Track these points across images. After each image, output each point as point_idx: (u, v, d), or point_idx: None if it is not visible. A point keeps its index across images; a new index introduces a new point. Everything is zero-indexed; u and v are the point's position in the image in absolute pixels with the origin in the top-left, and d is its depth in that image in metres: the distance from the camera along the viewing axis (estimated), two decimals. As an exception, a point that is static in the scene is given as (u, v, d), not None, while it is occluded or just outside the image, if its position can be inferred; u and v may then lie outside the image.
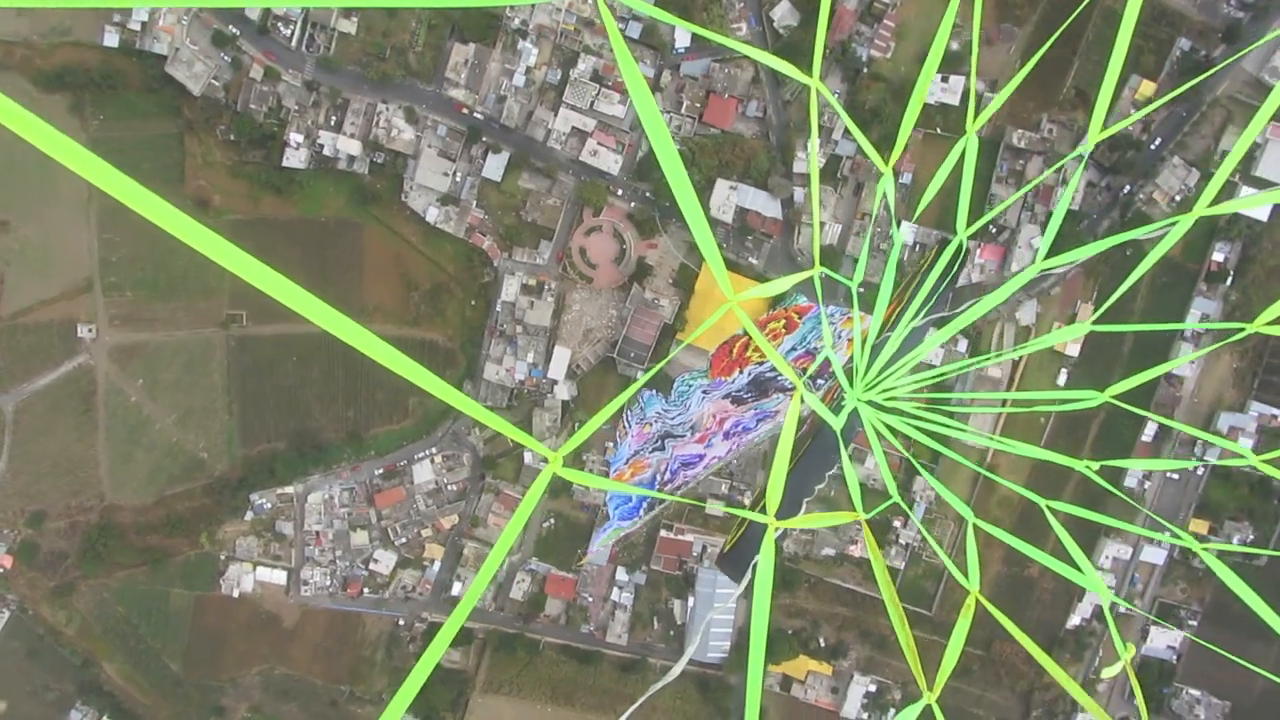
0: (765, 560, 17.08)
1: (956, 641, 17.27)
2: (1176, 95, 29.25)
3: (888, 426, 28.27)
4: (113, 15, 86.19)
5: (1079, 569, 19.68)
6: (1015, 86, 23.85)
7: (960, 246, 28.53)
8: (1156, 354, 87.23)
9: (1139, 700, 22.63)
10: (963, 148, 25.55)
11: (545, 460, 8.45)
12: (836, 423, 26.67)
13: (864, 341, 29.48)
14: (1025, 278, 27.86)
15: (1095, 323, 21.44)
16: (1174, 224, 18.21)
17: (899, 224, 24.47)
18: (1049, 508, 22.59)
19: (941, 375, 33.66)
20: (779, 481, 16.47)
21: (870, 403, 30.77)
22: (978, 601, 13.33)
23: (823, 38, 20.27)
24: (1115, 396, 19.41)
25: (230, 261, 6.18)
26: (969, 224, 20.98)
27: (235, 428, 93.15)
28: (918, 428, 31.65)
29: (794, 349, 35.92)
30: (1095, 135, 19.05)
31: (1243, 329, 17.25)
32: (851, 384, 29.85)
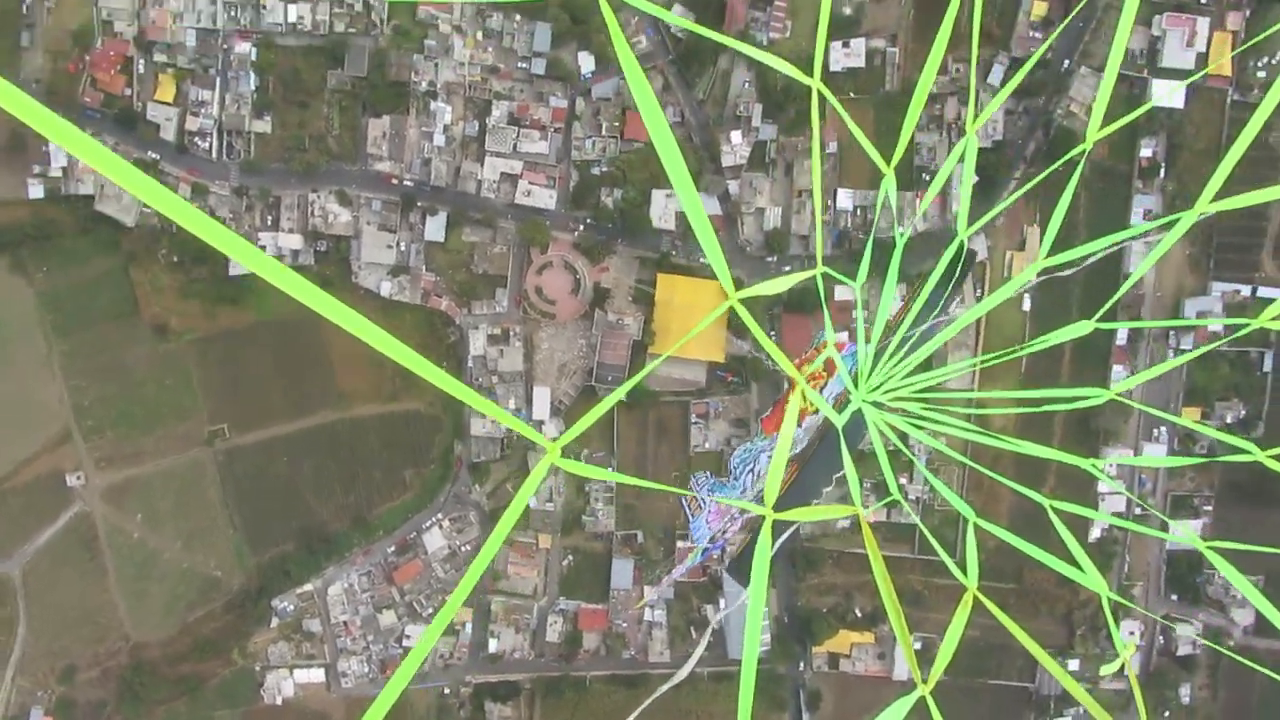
0: (761, 550, 18.08)
1: (953, 634, 18.10)
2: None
3: (892, 426, 29.34)
4: (33, 168, 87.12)
5: (1081, 568, 20.66)
6: (1010, 91, 24.90)
7: (962, 246, 29.66)
8: (1110, 259, 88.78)
9: (1139, 702, 23.23)
10: (963, 149, 26.73)
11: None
12: (840, 420, 27.75)
13: (868, 343, 30.53)
14: (1025, 278, 28.90)
15: (1095, 321, 22.35)
16: (1176, 220, 19.39)
17: (900, 220, 25.48)
18: (1052, 506, 23.68)
19: (944, 375, 34.68)
20: (777, 475, 17.56)
21: (875, 403, 31.90)
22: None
23: (823, 40, 21.22)
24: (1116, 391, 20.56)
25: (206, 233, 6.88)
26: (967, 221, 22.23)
27: (242, 539, 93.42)
28: (919, 427, 32.78)
29: (834, 395, 36.46)
30: (1094, 135, 20.16)
31: (1247, 323, 18.40)
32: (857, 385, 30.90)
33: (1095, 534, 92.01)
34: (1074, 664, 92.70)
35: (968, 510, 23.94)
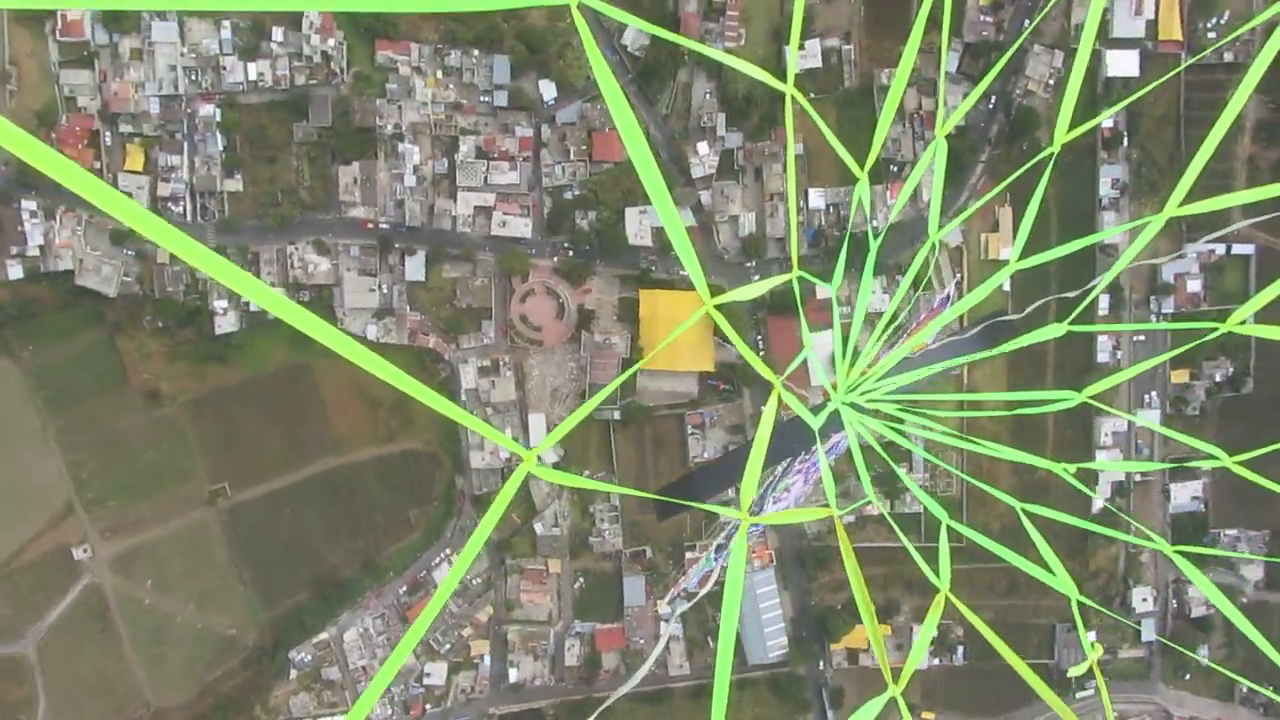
0: (737, 554, 18.58)
1: (925, 635, 18.63)
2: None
3: (886, 428, 29.80)
4: (9, 248, 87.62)
5: (1052, 570, 21.16)
6: (980, 92, 25.60)
7: (934, 248, 30.31)
8: (1083, 229, 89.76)
9: (1105, 706, 23.83)
10: (933, 152, 27.35)
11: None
12: (816, 423, 28.25)
13: (845, 345, 31.06)
14: (1000, 278, 29.47)
15: (1071, 323, 22.87)
16: (1146, 224, 19.97)
17: (872, 224, 26.00)
18: (1024, 510, 24.23)
19: (922, 375, 35.22)
20: (753, 480, 17.94)
21: (852, 405, 32.39)
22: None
23: (796, 44, 21.65)
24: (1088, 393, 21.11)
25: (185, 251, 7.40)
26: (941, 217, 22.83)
27: (253, 595, 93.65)
28: (897, 430, 33.29)
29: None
30: (1061, 137, 20.83)
31: (1215, 328, 18.85)
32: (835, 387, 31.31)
33: (1097, 505, 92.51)
34: (1091, 634, 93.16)
35: (942, 513, 24.54)
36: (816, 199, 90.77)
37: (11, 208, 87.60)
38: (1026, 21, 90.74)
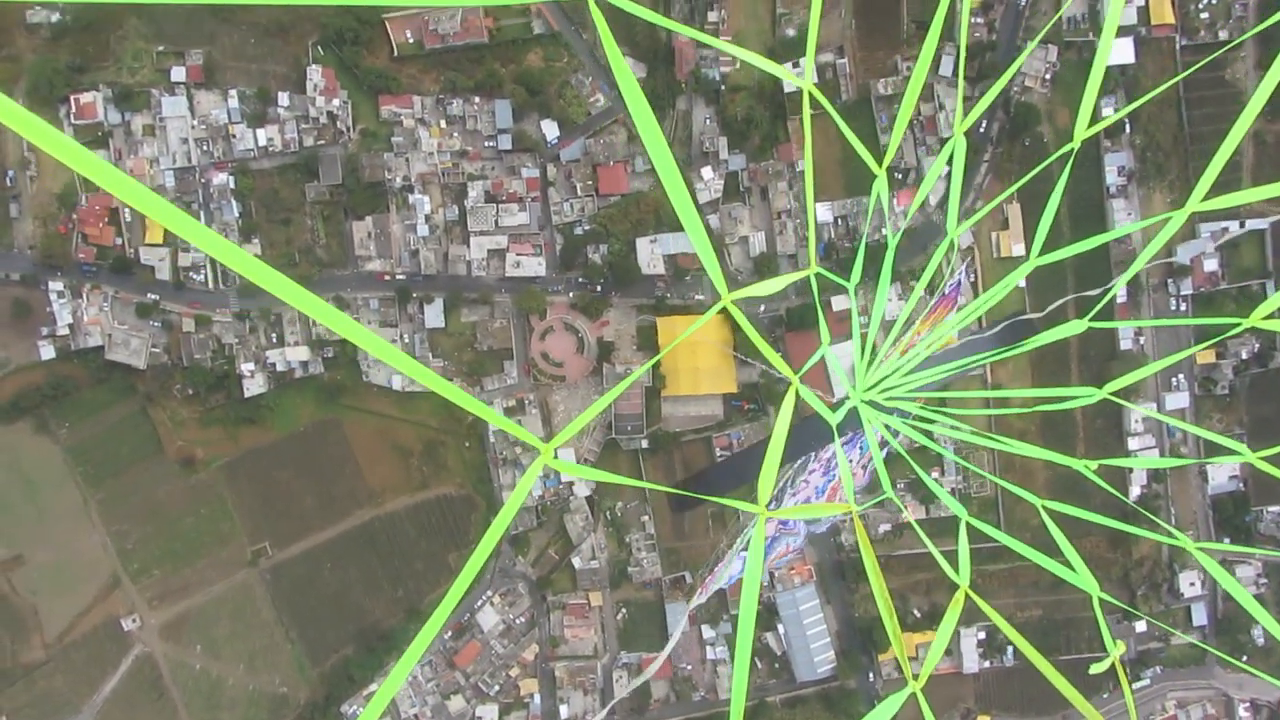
0: (755, 548, 18.97)
1: (945, 631, 18.62)
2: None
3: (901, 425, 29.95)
4: (40, 330, 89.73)
5: (1073, 567, 21.22)
6: (995, 95, 25.85)
7: (952, 244, 30.49)
8: (1093, 218, 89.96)
9: (1129, 704, 23.81)
10: (951, 149, 27.79)
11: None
12: (834, 419, 28.60)
13: (864, 343, 31.38)
14: (1019, 275, 29.89)
15: (1088, 320, 23.20)
16: (1167, 219, 20.19)
17: (891, 222, 25.98)
18: (1044, 507, 24.34)
19: (939, 374, 35.56)
20: (770, 475, 18.29)
21: (871, 403, 32.65)
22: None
23: (814, 39, 21.84)
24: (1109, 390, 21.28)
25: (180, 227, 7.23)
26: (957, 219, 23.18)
27: (301, 652, 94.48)
28: (915, 427, 33.56)
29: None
30: (1081, 133, 21.01)
31: (1238, 323, 18.97)
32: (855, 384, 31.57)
33: (1135, 491, 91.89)
34: (1140, 625, 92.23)
35: (960, 509, 24.75)
36: (824, 212, 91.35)
37: (39, 290, 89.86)
38: (1021, 28, 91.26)
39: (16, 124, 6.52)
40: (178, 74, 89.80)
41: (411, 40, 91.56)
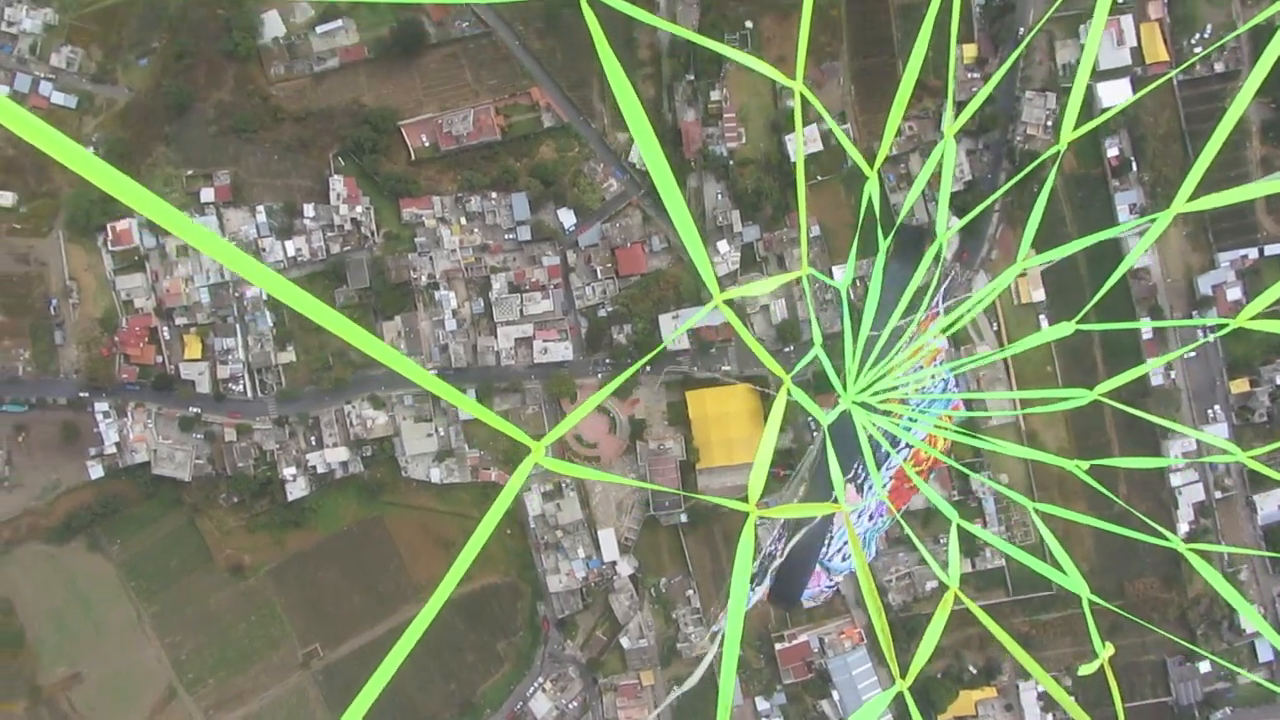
0: (744, 546, 19.21)
1: (932, 633, 19.06)
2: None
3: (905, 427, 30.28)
4: (89, 450, 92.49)
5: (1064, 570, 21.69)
6: (983, 98, 26.57)
7: (940, 249, 31.36)
8: (1109, 260, 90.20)
9: (1117, 703, 23.93)
10: (941, 152, 28.58)
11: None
12: (826, 420, 29.05)
13: (855, 343, 31.92)
14: (1008, 279, 30.76)
15: (1075, 322, 24.00)
16: (1154, 220, 21.07)
17: (881, 228, 26.26)
18: (1035, 509, 24.87)
19: (933, 375, 36.02)
20: (761, 473, 18.79)
21: (863, 404, 33.01)
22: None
23: (805, 36, 22.77)
24: (1102, 391, 21.88)
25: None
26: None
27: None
28: (906, 429, 33.96)
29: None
30: (1068, 136, 21.78)
31: (1227, 324, 19.66)
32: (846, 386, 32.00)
33: (1184, 528, 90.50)
34: (1205, 666, 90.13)
35: (952, 512, 25.03)
36: (840, 276, 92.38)
37: (86, 412, 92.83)
38: (1018, 78, 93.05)
39: (32, 135, 6.24)
40: (207, 195, 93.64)
41: (427, 144, 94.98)
